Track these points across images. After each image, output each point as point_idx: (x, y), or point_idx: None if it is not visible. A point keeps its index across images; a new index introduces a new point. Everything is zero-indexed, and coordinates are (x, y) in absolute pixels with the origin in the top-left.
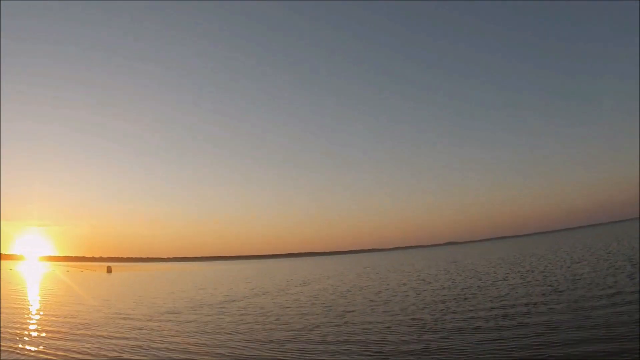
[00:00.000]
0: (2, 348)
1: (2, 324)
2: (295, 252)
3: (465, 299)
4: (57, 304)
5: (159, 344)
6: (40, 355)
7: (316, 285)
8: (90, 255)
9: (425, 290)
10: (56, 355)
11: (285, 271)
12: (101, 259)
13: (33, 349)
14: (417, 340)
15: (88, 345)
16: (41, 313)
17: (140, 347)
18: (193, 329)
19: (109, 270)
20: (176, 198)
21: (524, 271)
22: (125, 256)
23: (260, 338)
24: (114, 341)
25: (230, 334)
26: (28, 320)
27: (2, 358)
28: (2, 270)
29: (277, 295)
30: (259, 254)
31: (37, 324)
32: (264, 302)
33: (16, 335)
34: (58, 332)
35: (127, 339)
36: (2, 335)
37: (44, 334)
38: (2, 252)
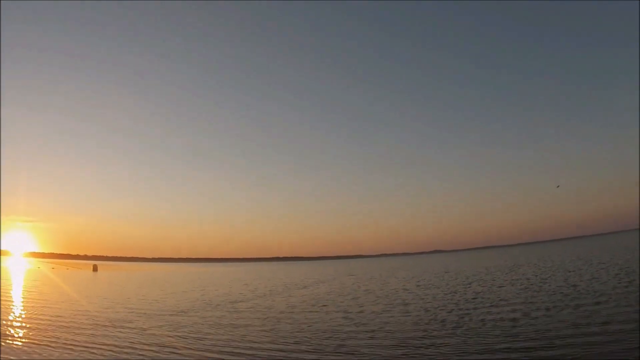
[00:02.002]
0: None
1: None
2: (281, 256)
3: (468, 301)
4: (46, 304)
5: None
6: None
7: (315, 289)
8: (76, 253)
9: (428, 295)
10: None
11: (279, 274)
12: (86, 257)
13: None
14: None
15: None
16: (25, 311)
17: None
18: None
19: (95, 269)
20: (163, 199)
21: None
22: (110, 255)
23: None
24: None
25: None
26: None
27: None
28: None
29: (286, 297)
30: (244, 257)
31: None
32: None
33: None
34: (45, 331)
35: (114, 340)
36: None
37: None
38: None
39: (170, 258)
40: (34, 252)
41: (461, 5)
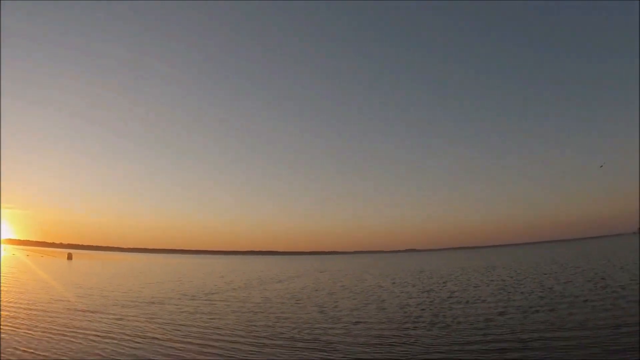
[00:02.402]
0: None
1: None
2: (256, 249)
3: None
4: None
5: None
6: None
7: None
8: (51, 241)
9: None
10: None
11: (254, 267)
12: (62, 245)
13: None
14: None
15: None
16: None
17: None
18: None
19: (70, 257)
20: (141, 190)
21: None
22: (86, 244)
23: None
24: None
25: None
26: None
27: None
28: None
29: (262, 290)
30: (220, 249)
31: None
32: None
33: None
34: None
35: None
36: None
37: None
38: None
39: (145, 249)
40: (10, 239)
41: (463, 6)
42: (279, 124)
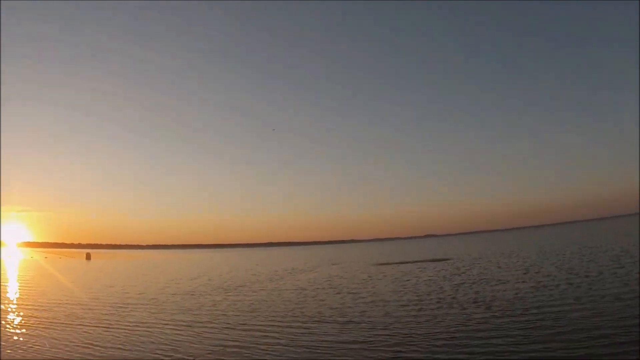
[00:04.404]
0: None
1: None
2: (274, 241)
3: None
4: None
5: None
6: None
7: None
8: (69, 242)
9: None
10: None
11: (279, 259)
12: (80, 246)
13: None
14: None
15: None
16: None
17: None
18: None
19: (88, 257)
20: (157, 186)
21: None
22: (104, 243)
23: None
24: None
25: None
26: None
27: None
28: None
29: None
30: (238, 242)
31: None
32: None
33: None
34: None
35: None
36: None
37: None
38: None
39: (164, 245)
40: (28, 242)
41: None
42: (293, 114)
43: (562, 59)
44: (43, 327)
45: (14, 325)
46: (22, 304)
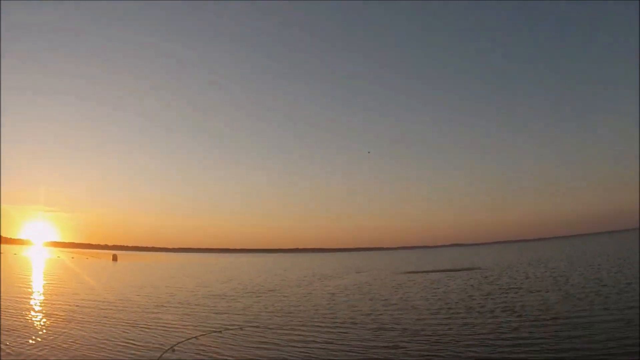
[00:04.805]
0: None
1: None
2: (301, 247)
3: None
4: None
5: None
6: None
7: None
8: (96, 243)
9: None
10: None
11: (306, 265)
12: (106, 247)
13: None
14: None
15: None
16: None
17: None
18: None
19: (115, 258)
20: (184, 189)
21: None
22: (130, 245)
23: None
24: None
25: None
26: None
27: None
28: (3, 255)
29: (324, 286)
30: (263, 247)
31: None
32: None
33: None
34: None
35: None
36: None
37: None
38: (9, 236)
39: (190, 248)
40: (55, 242)
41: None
42: (323, 116)
43: None
44: (79, 327)
45: (47, 325)
46: (53, 304)
